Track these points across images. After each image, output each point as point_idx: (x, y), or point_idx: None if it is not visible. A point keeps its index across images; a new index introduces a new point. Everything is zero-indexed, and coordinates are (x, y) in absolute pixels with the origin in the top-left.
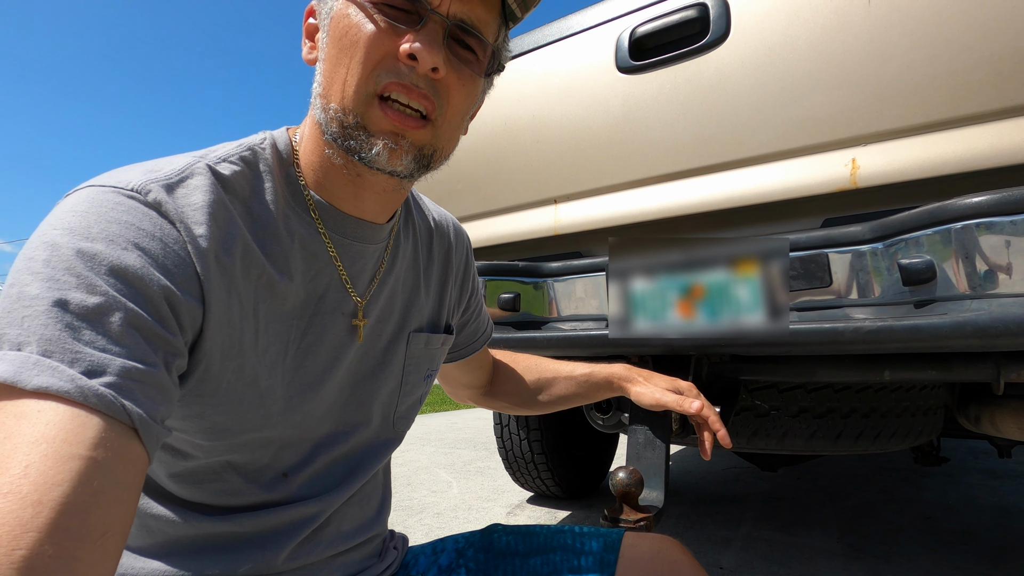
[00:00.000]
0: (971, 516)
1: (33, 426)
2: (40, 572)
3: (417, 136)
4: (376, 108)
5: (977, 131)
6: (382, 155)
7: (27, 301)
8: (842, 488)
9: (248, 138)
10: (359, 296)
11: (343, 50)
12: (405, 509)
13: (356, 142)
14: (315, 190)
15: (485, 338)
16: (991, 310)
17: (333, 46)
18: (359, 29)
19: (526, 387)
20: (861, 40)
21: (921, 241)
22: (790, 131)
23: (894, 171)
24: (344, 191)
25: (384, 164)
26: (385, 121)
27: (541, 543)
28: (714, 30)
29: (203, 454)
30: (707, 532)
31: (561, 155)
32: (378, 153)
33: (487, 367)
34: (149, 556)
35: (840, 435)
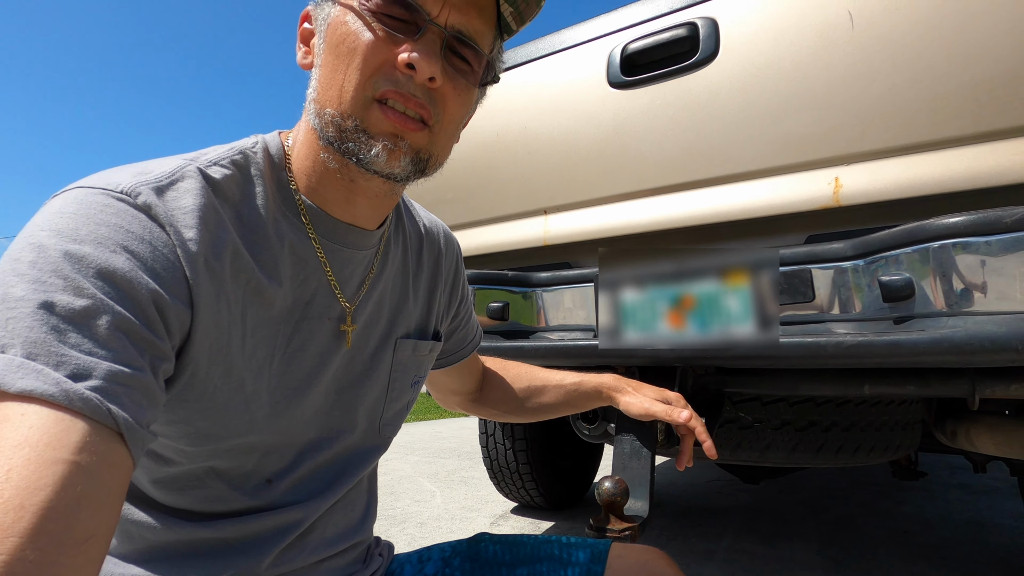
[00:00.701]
0: (947, 530)
1: (16, 429)
2: None
3: (416, 139)
4: (376, 110)
5: (955, 154)
6: (381, 156)
7: (12, 303)
8: (822, 501)
9: (239, 141)
10: (347, 302)
11: (340, 57)
12: (388, 518)
13: (355, 144)
14: (307, 195)
15: (474, 345)
16: (967, 327)
17: (330, 52)
18: (357, 36)
19: (515, 395)
20: (845, 62)
21: (901, 259)
22: (776, 149)
23: (876, 190)
24: (337, 196)
25: (382, 166)
26: (385, 122)
27: (528, 553)
28: (703, 49)
29: (187, 460)
30: (690, 544)
31: (552, 167)
32: (377, 154)
33: (476, 374)
34: (130, 562)
35: (821, 448)
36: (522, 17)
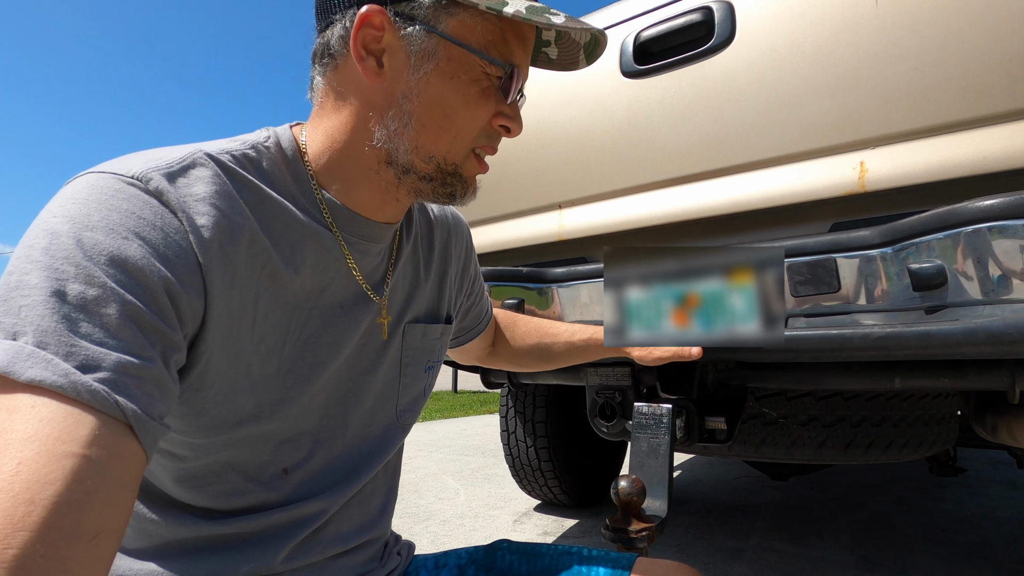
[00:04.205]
0: (990, 528)
1: (26, 422)
2: (31, 572)
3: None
4: (472, 160)
5: (988, 133)
6: (468, 195)
7: (25, 290)
8: (855, 498)
9: (250, 134)
10: (376, 295)
11: (455, 109)
12: (411, 516)
13: (452, 187)
14: (327, 189)
15: (488, 318)
16: (1004, 316)
17: (437, 105)
18: (475, 96)
19: (527, 351)
20: (868, 42)
21: (932, 245)
22: (797, 135)
23: (903, 174)
24: (368, 198)
25: (467, 201)
26: (477, 169)
27: (545, 565)
28: (719, 33)
29: (203, 453)
30: (716, 542)
31: (566, 160)
32: (466, 194)
33: (490, 334)
34: (146, 558)
35: (850, 444)
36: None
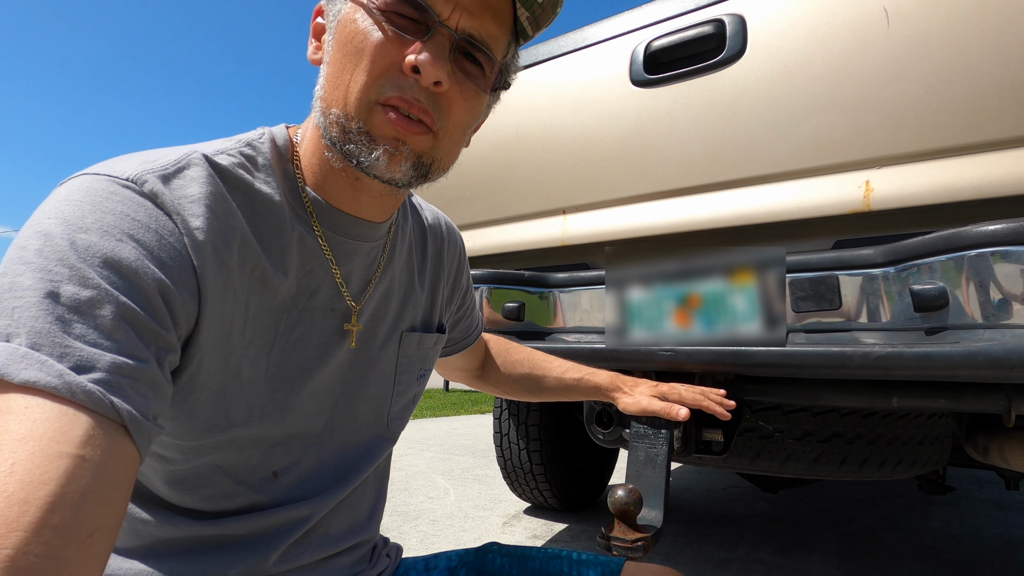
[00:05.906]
0: (975, 547)
1: (20, 423)
2: (26, 572)
3: (418, 143)
4: (379, 114)
5: (995, 158)
6: (381, 160)
7: (19, 292)
8: (843, 513)
9: (246, 133)
10: (353, 300)
11: (348, 56)
12: (401, 514)
13: (356, 147)
14: (313, 188)
15: (478, 332)
16: (1004, 340)
17: (338, 50)
18: (365, 36)
19: (515, 379)
20: (879, 61)
21: (934, 267)
22: (804, 151)
23: (909, 195)
24: (343, 193)
25: (383, 171)
26: (389, 126)
27: (536, 568)
28: (730, 46)
29: (192, 456)
30: (705, 552)
31: (572, 166)
32: (377, 158)
33: (480, 353)
34: (135, 558)
35: (844, 460)
36: (538, 23)
